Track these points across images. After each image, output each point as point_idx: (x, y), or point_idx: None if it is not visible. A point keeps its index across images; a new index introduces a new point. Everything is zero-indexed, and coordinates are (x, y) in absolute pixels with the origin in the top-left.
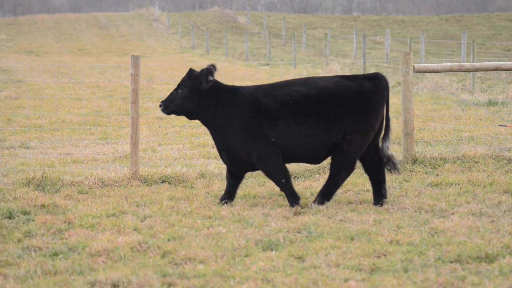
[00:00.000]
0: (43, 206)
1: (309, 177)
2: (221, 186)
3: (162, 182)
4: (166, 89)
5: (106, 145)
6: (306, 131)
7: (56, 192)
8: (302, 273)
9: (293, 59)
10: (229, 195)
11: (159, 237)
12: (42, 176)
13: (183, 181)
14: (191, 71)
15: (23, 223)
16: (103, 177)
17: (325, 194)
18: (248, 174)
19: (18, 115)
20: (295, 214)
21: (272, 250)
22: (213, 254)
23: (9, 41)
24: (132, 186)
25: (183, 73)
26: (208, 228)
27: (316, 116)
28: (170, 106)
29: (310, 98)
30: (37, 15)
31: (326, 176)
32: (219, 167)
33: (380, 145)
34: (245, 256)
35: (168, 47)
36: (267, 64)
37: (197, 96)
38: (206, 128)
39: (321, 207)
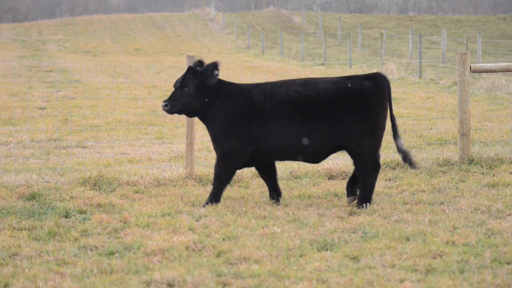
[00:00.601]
0: (99, 205)
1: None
2: None
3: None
4: None
5: (162, 145)
6: (303, 132)
7: (112, 191)
8: (357, 274)
9: (348, 59)
10: (275, 191)
11: (214, 236)
12: (99, 176)
13: (238, 181)
14: (191, 68)
15: (80, 222)
16: (158, 176)
17: (364, 199)
18: (302, 174)
19: (75, 115)
20: (350, 214)
21: (327, 250)
22: (268, 254)
23: (66, 42)
24: (187, 185)
25: (238, 73)
26: (263, 228)
27: (315, 117)
28: (177, 105)
29: (308, 99)
30: (94, 16)
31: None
32: None
33: (396, 143)
34: (300, 256)
35: (223, 47)
36: (322, 64)
37: (202, 93)
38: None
39: (375, 207)
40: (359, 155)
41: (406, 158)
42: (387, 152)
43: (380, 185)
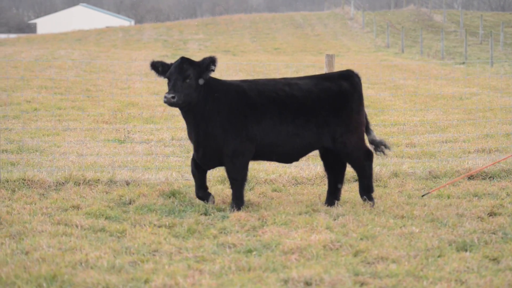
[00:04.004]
0: None
1: (505, 177)
2: (414, 185)
3: (355, 181)
4: None
5: None
6: (293, 130)
7: (250, 189)
8: (497, 275)
9: (490, 58)
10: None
11: (352, 235)
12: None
13: (376, 180)
14: (186, 59)
15: (218, 220)
16: (296, 175)
17: (367, 189)
18: (441, 174)
19: None
20: (490, 215)
21: (466, 251)
22: (406, 253)
23: (207, 41)
24: (325, 184)
25: (377, 72)
26: (401, 227)
27: (302, 117)
28: (181, 96)
29: (296, 99)
30: (235, 15)
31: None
32: (412, 167)
33: (368, 138)
34: (438, 256)
35: (362, 46)
36: (463, 63)
37: (199, 86)
38: (398, 127)
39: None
40: (348, 154)
41: (381, 146)
42: None
43: None
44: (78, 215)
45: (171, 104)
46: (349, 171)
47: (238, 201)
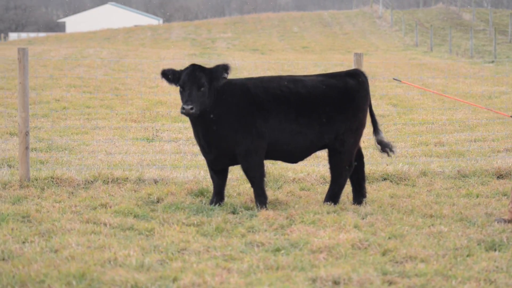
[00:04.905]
0: None
1: None
2: (443, 184)
3: (383, 180)
4: (388, 86)
5: None
6: (297, 129)
7: (278, 188)
8: None
9: None
10: (220, 196)
11: (380, 235)
12: (266, 173)
13: (405, 179)
14: (198, 66)
15: (247, 219)
16: (324, 174)
17: (333, 197)
18: (470, 173)
19: None
20: None
21: (495, 250)
22: (435, 253)
23: (235, 39)
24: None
25: (406, 71)
26: (429, 226)
27: (307, 115)
28: (198, 106)
29: (300, 96)
30: (263, 14)
31: None
32: (441, 166)
33: (376, 138)
34: (467, 256)
35: (391, 45)
36: (492, 62)
37: (212, 93)
38: (426, 126)
39: None
40: (340, 153)
41: (388, 147)
42: None
43: None
44: (107, 214)
45: (189, 115)
46: (376, 170)
47: (261, 198)
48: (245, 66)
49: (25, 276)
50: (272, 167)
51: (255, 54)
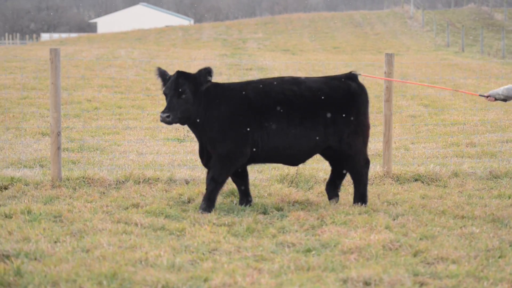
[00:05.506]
0: (296, 202)
1: None
2: (475, 185)
3: (414, 181)
4: (420, 87)
5: None
6: (301, 132)
7: (309, 189)
8: None
9: None
10: (246, 196)
11: (411, 235)
12: (296, 173)
13: (436, 180)
14: (182, 73)
15: (277, 219)
16: None
17: (361, 197)
18: (502, 174)
19: None
20: None
21: None
22: (466, 254)
23: (266, 40)
24: (384, 184)
25: (437, 71)
26: (461, 228)
27: (311, 117)
28: (177, 114)
29: (304, 98)
30: (294, 14)
31: None
32: (473, 167)
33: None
34: (499, 257)
35: (422, 45)
36: None
37: (197, 98)
38: (458, 127)
39: None
40: (351, 156)
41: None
42: None
43: None
44: (138, 214)
45: (166, 123)
46: (408, 170)
47: (209, 203)
48: (276, 67)
49: (57, 275)
50: (303, 168)
51: (286, 55)
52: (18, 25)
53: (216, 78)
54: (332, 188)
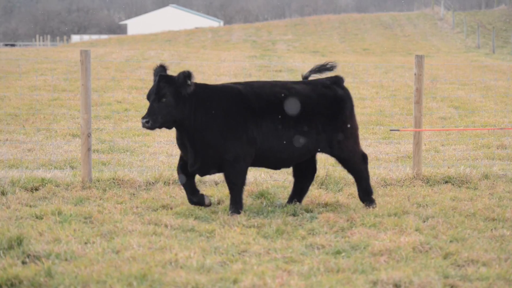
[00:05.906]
0: (326, 204)
1: None
2: (505, 187)
3: (444, 183)
4: (450, 88)
5: (389, 145)
6: (292, 135)
7: (339, 190)
8: None
9: None
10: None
11: (441, 238)
12: (326, 175)
13: (466, 182)
14: (163, 77)
15: (307, 221)
16: (385, 176)
17: (366, 192)
18: None
19: None
20: None
21: None
22: (497, 257)
23: (295, 41)
24: (414, 186)
25: (467, 73)
26: (491, 230)
27: (301, 121)
28: (158, 119)
29: (295, 103)
30: (323, 16)
31: None
32: (503, 169)
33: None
34: None
35: (452, 47)
36: None
37: (181, 101)
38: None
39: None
40: (345, 159)
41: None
42: None
43: None
44: (168, 215)
45: (147, 128)
46: (438, 172)
47: (237, 205)
48: (305, 68)
49: (87, 276)
50: (332, 169)
51: (316, 56)
52: (49, 26)
53: (246, 80)
54: (294, 196)
